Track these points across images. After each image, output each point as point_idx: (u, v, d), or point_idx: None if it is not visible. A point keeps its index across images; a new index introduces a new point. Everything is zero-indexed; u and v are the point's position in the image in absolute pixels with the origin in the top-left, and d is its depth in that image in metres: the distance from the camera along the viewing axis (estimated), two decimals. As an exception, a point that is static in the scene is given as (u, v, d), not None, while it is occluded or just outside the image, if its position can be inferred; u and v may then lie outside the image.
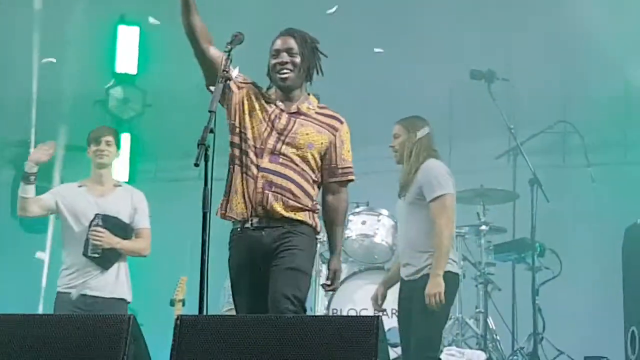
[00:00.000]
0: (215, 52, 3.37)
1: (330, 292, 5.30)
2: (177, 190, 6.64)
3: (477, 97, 6.24)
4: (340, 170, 3.52)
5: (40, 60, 6.51)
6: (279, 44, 3.49)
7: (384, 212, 5.85)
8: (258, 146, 3.36)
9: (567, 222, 6.68)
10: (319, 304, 5.62)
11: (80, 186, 4.78)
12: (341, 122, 3.58)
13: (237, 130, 3.32)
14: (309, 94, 3.58)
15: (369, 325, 2.79)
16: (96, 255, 4.55)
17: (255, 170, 3.30)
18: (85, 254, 4.59)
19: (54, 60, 6.59)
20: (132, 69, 6.84)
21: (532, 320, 5.74)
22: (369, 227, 5.67)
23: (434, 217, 4.51)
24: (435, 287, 4.36)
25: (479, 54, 6.58)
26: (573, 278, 6.08)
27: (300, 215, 3.37)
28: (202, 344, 2.75)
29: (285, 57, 3.45)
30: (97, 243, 4.55)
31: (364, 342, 2.73)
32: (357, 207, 5.62)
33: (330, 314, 5.61)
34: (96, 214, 4.60)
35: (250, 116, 3.41)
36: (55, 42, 6.78)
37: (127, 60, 6.86)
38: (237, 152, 3.34)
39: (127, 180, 6.64)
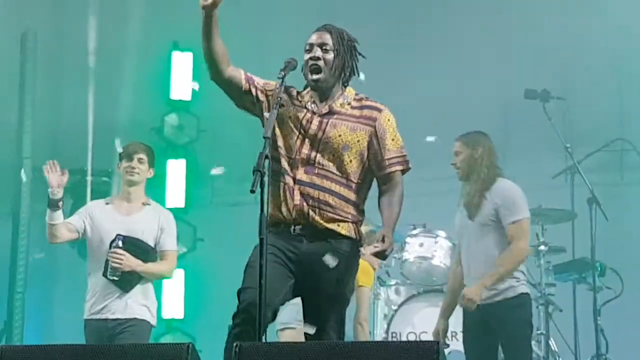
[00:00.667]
0: (233, 72, 3.20)
1: (392, 311, 5.35)
2: (234, 216, 6.59)
3: (532, 116, 6.17)
4: (386, 162, 3.27)
5: (95, 88, 6.58)
6: (313, 38, 3.28)
7: (442, 233, 5.78)
8: (292, 157, 3.18)
9: (628, 240, 6.51)
10: (377, 327, 5.52)
11: (107, 203, 4.59)
12: (379, 111, 3.31)
13: (269, 141, 3.12)
14: (345, 87, 3.31)
15: (429, 351, 2.69)
16: (115, 278, 4.34)
17: (291, 183, 3.14)
18: (104, 276, 4.39)
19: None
20: (187, 96, 6.85)
21: (594, 342, 5.52)
22: (427, 249, 5.60)
23: (512, 240, 4.39)
24: (476, 295, 4.27)
25: (533, 72, 6.50)
26: (635, 297, 5.84)
27: (343, 229, 3.18)
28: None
29: (318, 52, 3.23)
30: (116, 265, 4.33)
31: (425, 368, 2.63)
32: (414, 229, 5.53)
33: (390, 337, 5.52)
34: (117, 235, 4.39)
35: (281, 125, 3.22)
36: (110, 70, 6.87)
37: (181, 86, 6.88)
38: (272, 164, 3.13)
39: (183, 206, 6.69)
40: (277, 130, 3.23)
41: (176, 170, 6.86)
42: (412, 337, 5.47)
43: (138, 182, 4.50)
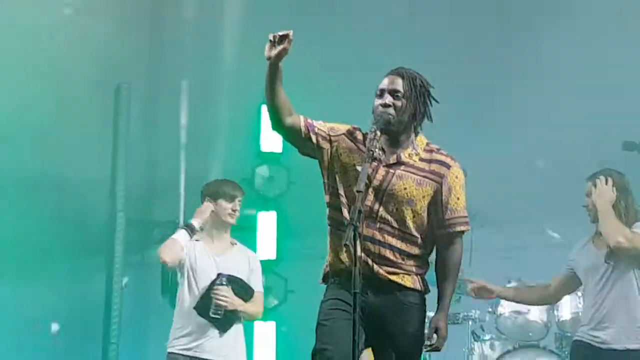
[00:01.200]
0: (293, 120, 3.06)
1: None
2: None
3: (629, 169, 5.97)
4: (447, 222, 3.09)
5: (188, 140, 6.73)
6: (385, 83, 3.10)
7: None
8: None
9: None
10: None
11: (197, 240, 4.52)
12: (449, 167, 3.12)
13: (331, 189, 3.02)
14: (416, 135, 3.12)
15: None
16: (218, 317, 4.29)
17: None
18: (203, 315, 4.34)
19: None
20: (278, 148, 6.90)
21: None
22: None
23: None
24: None
25: (630, 123, 6.29)
26: None
27: (408, 281, 3.02)
28: None
29: (388, 98, 3.05)
30: (221, 303, 4.29)
31: None
32: (509, 282, 5.25)
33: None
34: (219, 273, 4.35)
35: (344, 174, 3.06)
36: (201, 123, 7.00)
37: (272, 138, 6.91)
38: (332, 212, 3.05)
39: (274, 258, 6.69)
40: (339, 181, 3.09)
41: (267, 222, 6.88)
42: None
43: (235, 225, 4.50)
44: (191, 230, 4.40)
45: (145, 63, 7.28)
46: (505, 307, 5.49)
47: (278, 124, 3.02)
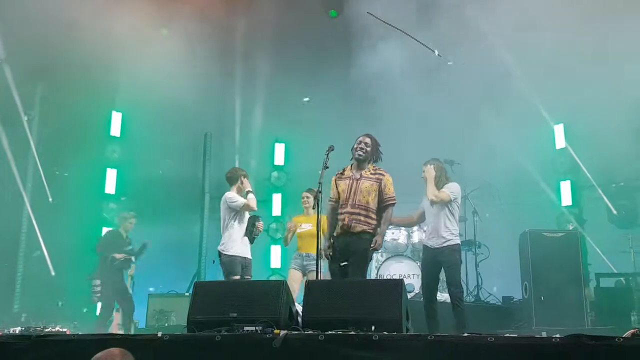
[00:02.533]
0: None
1: None
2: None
3: None
4: (384, 201, 5.96)
5: (240, 160, 10.16)
6: (361, 138, 5.90)
7: (403, 230, 9.04)
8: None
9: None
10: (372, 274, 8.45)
11: None
12: (383, 175, 5.93)
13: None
14: (371, 162, 6.02)
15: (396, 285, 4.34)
16: (255, 237, 7.21)
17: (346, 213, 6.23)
18: (248, 236, 7.01)
19: None
20: (282, 163, 11.23)
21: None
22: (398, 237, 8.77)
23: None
24: None
25: None
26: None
27: (365, 231, 5.88)
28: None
29: (362, 145, 5.71)
30: (259, 232, 7.17)
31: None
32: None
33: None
34: (253, 216, 7.19)
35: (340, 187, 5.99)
36: (244, 150, 10.63)
37: (279, 158, 11.28)
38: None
39: (280, 214, 10.90)
40: (339, 189, 6.01)
41: (277, 198, 11.22)
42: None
43: None
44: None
45: (219, 116, 10.93)
46: (387, 235, 8.57)
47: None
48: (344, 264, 5.61)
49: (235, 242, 6.88)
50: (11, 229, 9.77)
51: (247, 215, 7.04)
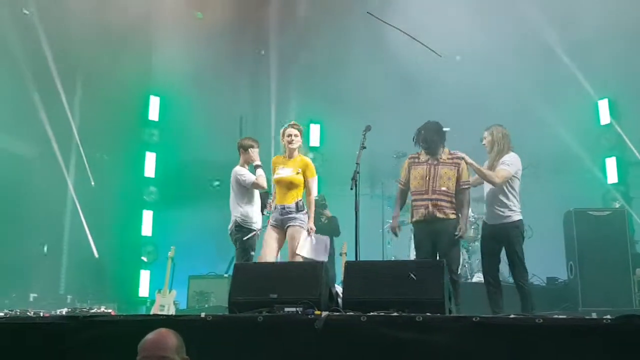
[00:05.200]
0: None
1: None
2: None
3: None
4: (460, 185, 6.07)
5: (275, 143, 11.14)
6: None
7: None
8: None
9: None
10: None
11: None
12: (460, 159, 6.05)
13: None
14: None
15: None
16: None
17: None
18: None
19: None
20: (317, 144, 11.42)
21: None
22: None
23: None
24: None
25: None
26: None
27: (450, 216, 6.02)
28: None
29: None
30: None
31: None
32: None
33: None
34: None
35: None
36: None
37: (315, 138, 11.53)
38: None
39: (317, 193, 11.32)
40: (415, 173, 5.99)
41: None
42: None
43: None
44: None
45: (254, 98, 11.18)
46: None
47: None
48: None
49: (255, 215, 6.69)
50: (56, 212, 10.05)
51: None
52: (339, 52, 10.05)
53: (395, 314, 4.04)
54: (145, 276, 10.83)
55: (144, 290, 10.74)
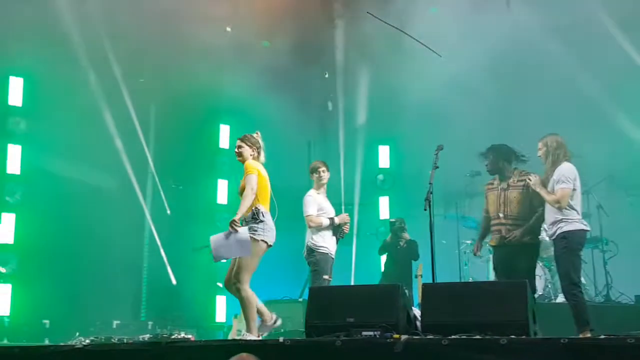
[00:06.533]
0: None
1: None
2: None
3: None
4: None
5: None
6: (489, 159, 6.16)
7: None
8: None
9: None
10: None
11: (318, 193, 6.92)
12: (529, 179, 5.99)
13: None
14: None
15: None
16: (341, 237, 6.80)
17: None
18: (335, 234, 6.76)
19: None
20: (386, 165, 11.39)
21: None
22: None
23: None
24: None
25: None
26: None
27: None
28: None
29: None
30: (347, 229, 6.89)
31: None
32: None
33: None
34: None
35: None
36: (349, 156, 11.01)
37: (384, 161, 11.51)
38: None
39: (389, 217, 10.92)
40: (489, 199, 6.11)
41: (384, 200, 11.54)
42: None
43: None
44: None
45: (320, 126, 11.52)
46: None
47: None
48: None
49: (326, 238, 6.70)
50: (135, 241, 10.29)
51: (332, 210, 6.85)
52: (406, 70, 9.97)
53: (477, 336, 3.91)
54: (221, 302, 10.95)
55: (220, 316, 10.86)
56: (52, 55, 9.23)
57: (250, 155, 6.01)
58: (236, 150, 6.02)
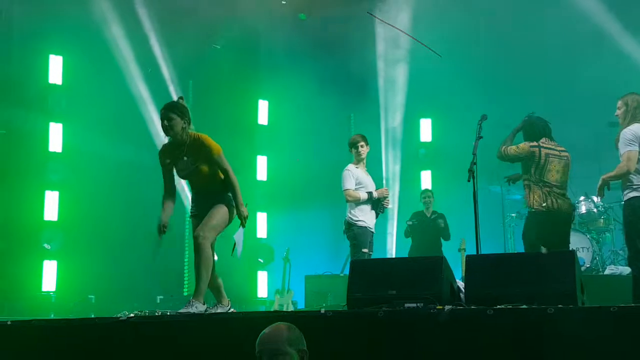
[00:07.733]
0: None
1: None
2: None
3: None
4: None
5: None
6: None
7: None
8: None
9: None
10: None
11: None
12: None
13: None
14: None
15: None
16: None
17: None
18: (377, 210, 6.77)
19: None
20: (429, 139, 11.38)
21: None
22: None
23: None
24: None
25: None
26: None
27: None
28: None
29: None
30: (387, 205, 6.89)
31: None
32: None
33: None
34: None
35: None
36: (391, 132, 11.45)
37: (425, 135, 11.59)
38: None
39: (430, 187, 11.01)
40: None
41: (426, 175, 11.57)
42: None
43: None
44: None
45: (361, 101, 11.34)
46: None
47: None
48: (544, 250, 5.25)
49: (365, 212, 6.68)
50: (176, 218, 10.42)
51: (373, 185, 6.83)
52: (447, 44, 9.82)
53: (523, 306, 3.84)
54: (262, 277, 11.07)
55: (262, 291, 11.00)
56: (91, 33, 9.41)
57: (182, 128, 5.17)
58: (166, 123, 5.05)
